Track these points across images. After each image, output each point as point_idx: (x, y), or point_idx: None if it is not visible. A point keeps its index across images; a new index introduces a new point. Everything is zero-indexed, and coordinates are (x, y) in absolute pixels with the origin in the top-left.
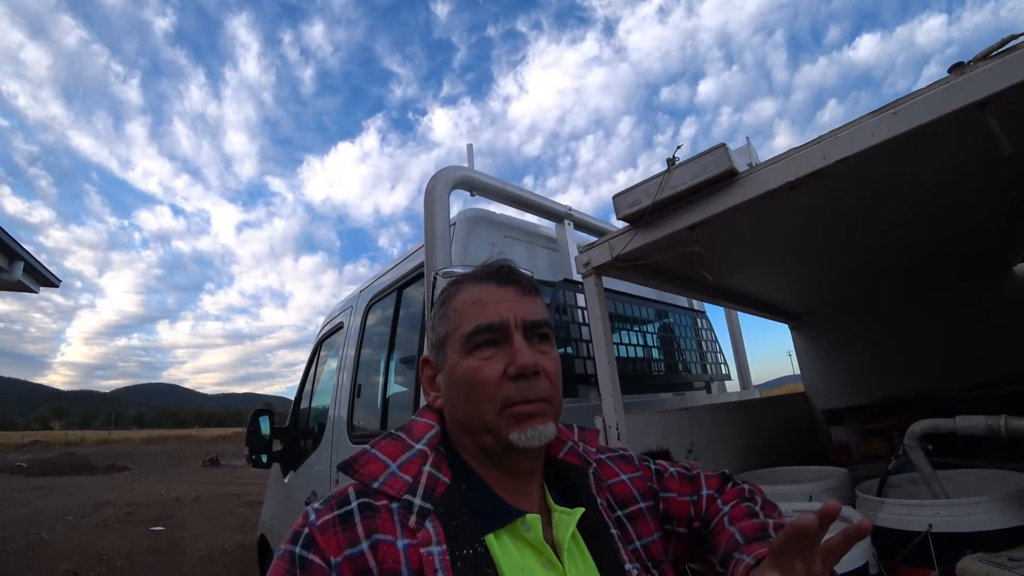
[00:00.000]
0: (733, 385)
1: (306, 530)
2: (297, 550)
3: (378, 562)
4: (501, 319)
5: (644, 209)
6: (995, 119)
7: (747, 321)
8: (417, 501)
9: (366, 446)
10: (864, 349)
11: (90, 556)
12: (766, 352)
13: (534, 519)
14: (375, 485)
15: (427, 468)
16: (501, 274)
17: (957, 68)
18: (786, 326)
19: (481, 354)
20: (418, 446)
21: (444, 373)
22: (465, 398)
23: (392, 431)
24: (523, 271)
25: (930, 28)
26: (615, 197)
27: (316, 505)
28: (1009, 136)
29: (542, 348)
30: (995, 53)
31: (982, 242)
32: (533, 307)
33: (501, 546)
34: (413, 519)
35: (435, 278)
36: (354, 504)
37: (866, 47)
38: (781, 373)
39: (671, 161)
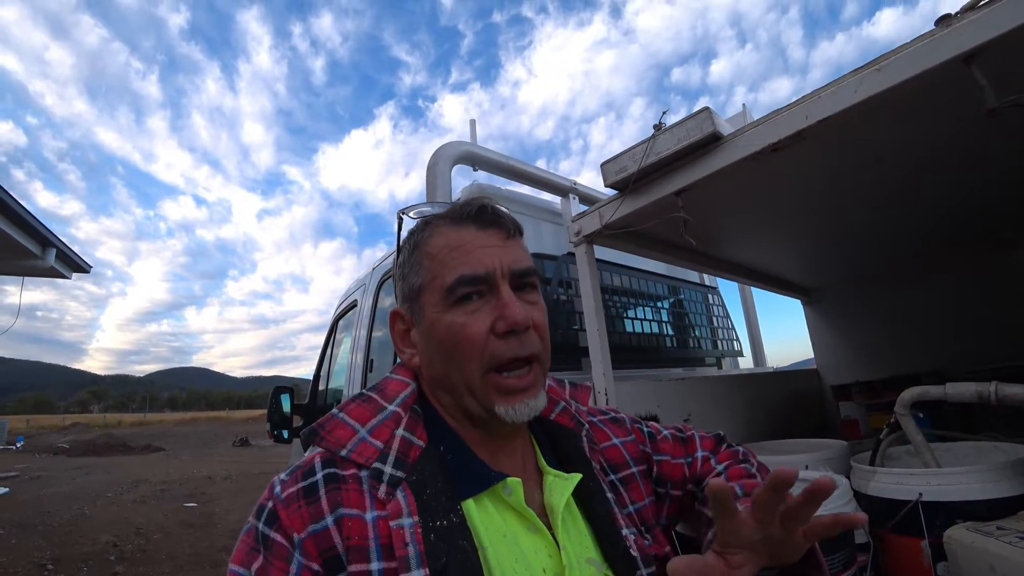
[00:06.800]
0: (747, 363)
1: (270, 504)
2: (260, 526)
3: (343, 538)
4: (487, 269)
5: (630, 176)
6: (981, 71)
7: (776, 302)
8: (387, 469)
9: (334, 410)
10: (874, 325)
11: (128, 529)
12: (794, 332)
13: (515, 483)
14: (342, 453)
15: (400, 432)
16: (482, 216)
17: (944, 20)
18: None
19: (465, 308)
20: (391, 407)
21: (420, 328)
22: (447, 357)
23: (364, 391)
24: (504, 210)
25: (954, 1)
26: (603, 164)
27: (282, 476)
28: (995, 89)
29: (529, 298)
30: (983, 3)
31: (994, 209)
32: (519, 253)
33: (481, 511)
34: (383, 489)
35: (401, 219)
36: (319, 475)
37: (887, 22)
38: (809, 355)
39: (657, 127)
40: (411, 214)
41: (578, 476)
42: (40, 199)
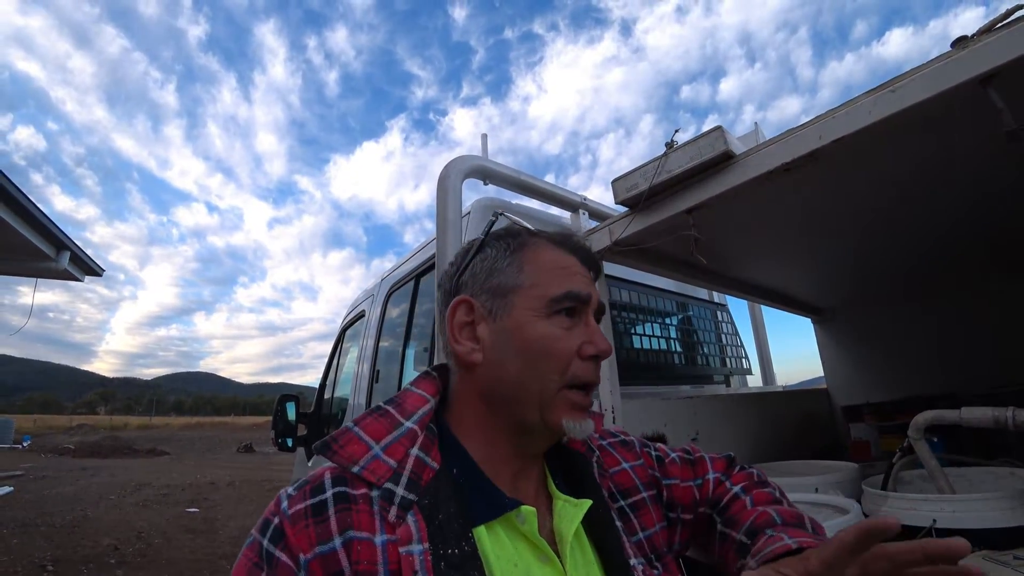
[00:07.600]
0: (756, 380)
1: (276, 520)
2: (265, 543)
3: (351, 562)
4: (589, 294)
5: (642, 193)
6: (998, 94)
7: (784, 319)
8: (399, 491)
9: (349, 423)
10: (886, 346)
11: (129, 533)
12: (802, 349)
13: (530, 512)
14: (354, 470)
15: (415, 451)
16: (584, 252)
17: (960, 42)
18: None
19: (561, 322)
20: (408, 424)
21: (498, 327)
22: (529, 363)
23: (381, 404)
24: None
25: (966, 21)
26: (614, 181)
27: (290, 490)
28: (1012, 111)
29: None
30: (999, 25)
31: (1008, 230)
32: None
33: (492, 537)
34: (394, 511)
35: (496, 217)
36: (329, 493)
37: (896, 42)
38: (817, 371)
39: (669, 145)
40: (507, 214)
41: (588, 502)
42: (57, 203)
